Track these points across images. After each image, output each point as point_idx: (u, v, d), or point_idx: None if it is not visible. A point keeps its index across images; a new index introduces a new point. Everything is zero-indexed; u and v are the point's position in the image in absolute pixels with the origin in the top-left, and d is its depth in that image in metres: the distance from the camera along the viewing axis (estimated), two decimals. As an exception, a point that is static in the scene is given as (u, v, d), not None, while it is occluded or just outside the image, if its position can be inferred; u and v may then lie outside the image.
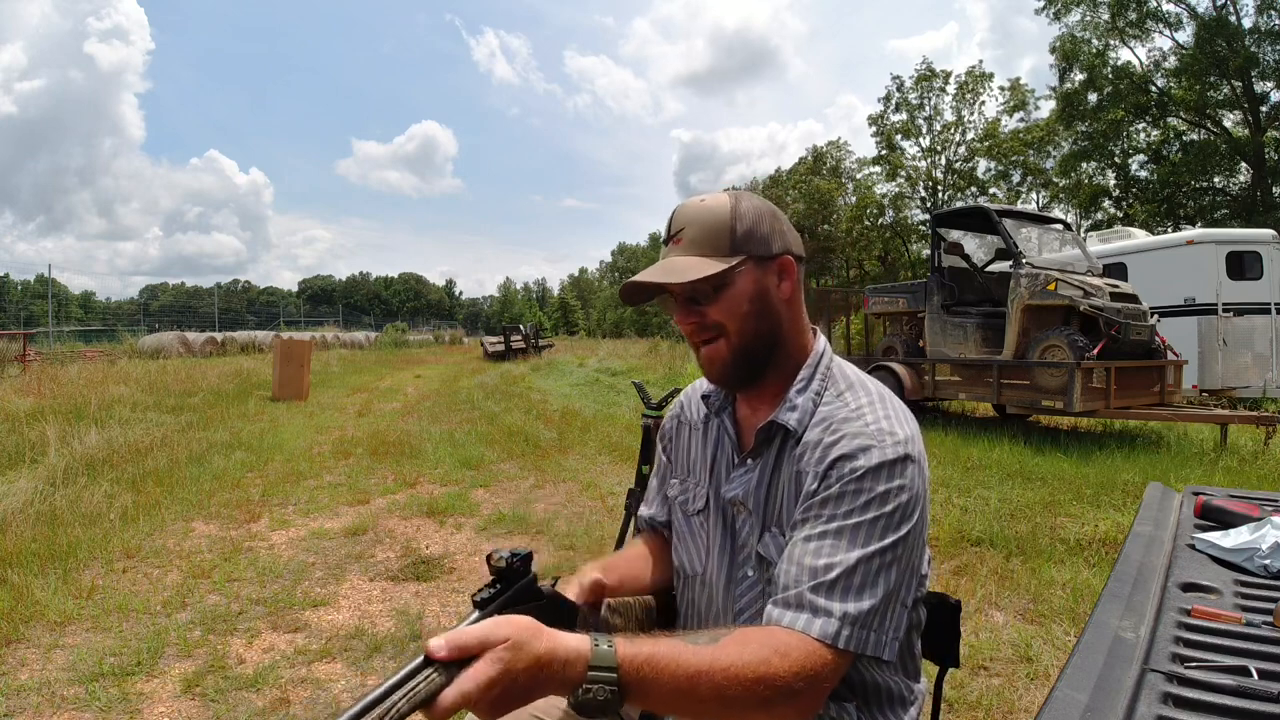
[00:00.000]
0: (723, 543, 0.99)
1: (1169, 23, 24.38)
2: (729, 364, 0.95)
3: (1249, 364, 9.17)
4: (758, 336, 0.94)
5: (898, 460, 0.84)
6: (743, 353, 0.94)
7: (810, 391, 0.95)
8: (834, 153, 43.10)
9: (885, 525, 0.82)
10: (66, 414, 7.12)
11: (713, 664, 0.72)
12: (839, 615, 0.79)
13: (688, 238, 0.94)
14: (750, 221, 0.93)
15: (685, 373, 14.22)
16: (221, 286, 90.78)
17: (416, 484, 5.31)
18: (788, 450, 0.94)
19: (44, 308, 42.40)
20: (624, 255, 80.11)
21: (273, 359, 11.28)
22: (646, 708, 0.73)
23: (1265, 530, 1.15)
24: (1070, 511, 4.29)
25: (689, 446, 1.10)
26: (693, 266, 0.91)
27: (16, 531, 3.74)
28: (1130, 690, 0.75)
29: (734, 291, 0.92)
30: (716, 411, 1.05)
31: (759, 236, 0.93)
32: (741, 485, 0.97)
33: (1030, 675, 2.38)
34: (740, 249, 0.92)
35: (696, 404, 1.12)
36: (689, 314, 0.94)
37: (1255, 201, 22.34)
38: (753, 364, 0.95)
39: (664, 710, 0.74)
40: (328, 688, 2.34)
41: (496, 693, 0.65)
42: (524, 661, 0.66)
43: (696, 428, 1.09)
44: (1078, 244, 8.16)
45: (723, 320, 0.93)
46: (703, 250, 0.92)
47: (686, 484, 1.08)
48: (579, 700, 0.68)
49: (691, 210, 0.95)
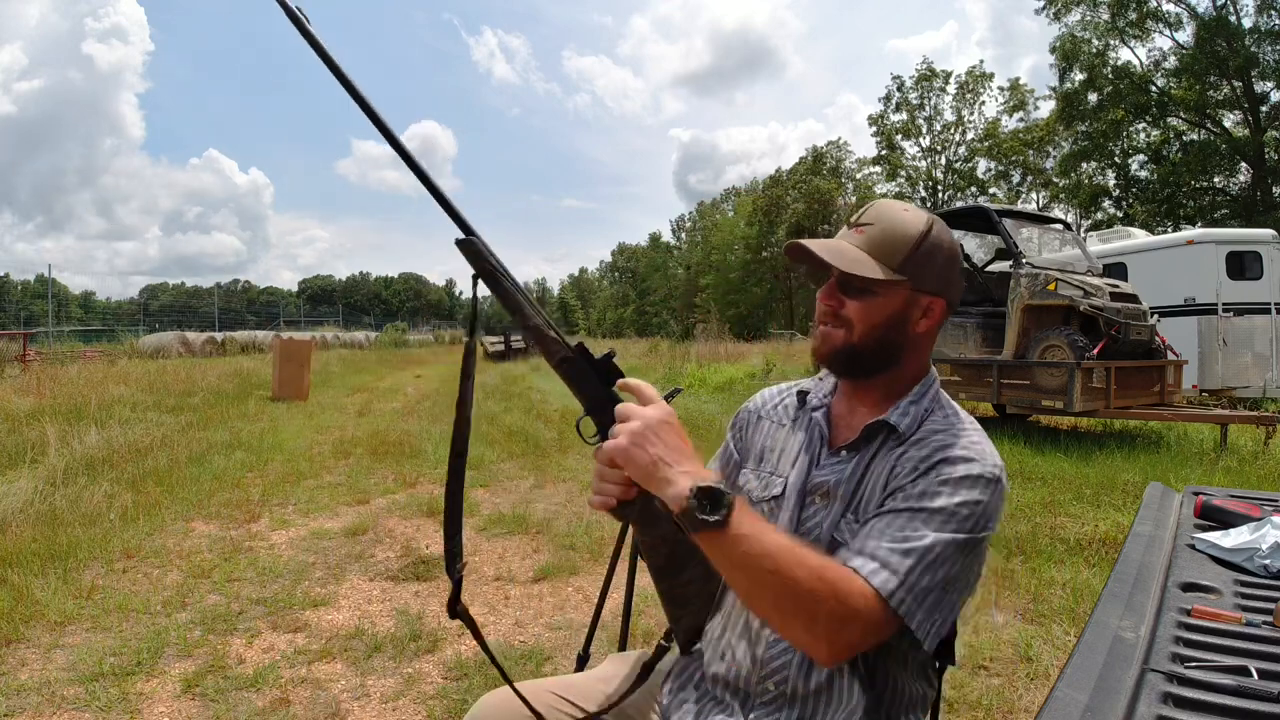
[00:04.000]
0: (787, 529, 1.00)
1: (1169, 23, 24.41)
2: (836, 353, 0.99)
3: (1249, 364, 9.16)
4: (874, 348, 0.98)
5: (992, 479, 0.90)
6: (852, 353, 0.98)
7: (921, 406, 1.00)
8: (834, 153, 43.13)
9: (966, 523, 0.86)
10: (66, 414, 7.12)
11: (792, 554, 0.79)
12: (901, 577, 0.82)
13: (870, 233, 0.97)
14: (929, 252, 0.96)
15: (685, 373, 14.23)
16: (221, 286, 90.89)
17: (416, 484, 5.31)
18: (886, 448, 0.97)
19: (44, 308, 42.40)
20: (624, 255, 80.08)
21: (273, 359, 11.28)
22: (720, 552, 0.79)
23: (1265, 530, 1.15)
24: (1070, 511, 4.30)
25: (767, 437, 1.13)
26: (859, 261, 0.94)
27: (16, 531, 3.74)
28: (1130, 690, 0.75)
29: (878, 302, 0.96)
30: (814, 408, 1.08)
31: (929, 270, 0.96)
32: (834, 473, 0.99)
33: (1030, 675, 2.38)
34: (906, 270, 0.95)
35: (782, 401, 1.16)
36: (831, 296, 0.98)
37: (1255, 201, 22.35)
38: (856, 365, 1.00)
39: (730, 564, 0.80)
40: (328, 688, 2.34)
41: (652, 438, 0.82)
42: (680, 434, 0.84)
43: (781, 422, 1.12)
44: (1078, 244, 8.16)
45: (854, 320, 0.97)
46: (876, 252, 0.95)
47: (760, 471, 1.10)
48: (690, 499, 0.78)
49: (888, 210, 0.99)
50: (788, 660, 0.94)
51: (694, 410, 9.08)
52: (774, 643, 0.95)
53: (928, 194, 36.31)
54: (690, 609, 1.00)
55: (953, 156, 36.29)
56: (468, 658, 2.55)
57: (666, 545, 0.98)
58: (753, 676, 0.95)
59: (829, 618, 0.79)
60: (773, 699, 0.94)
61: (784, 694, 0.93)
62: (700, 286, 49.03)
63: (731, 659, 0.99)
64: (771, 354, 16.66)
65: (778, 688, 0.94)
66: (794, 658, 0.94)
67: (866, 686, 0.91)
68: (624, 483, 0.93)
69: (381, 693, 2.32)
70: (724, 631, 1.03)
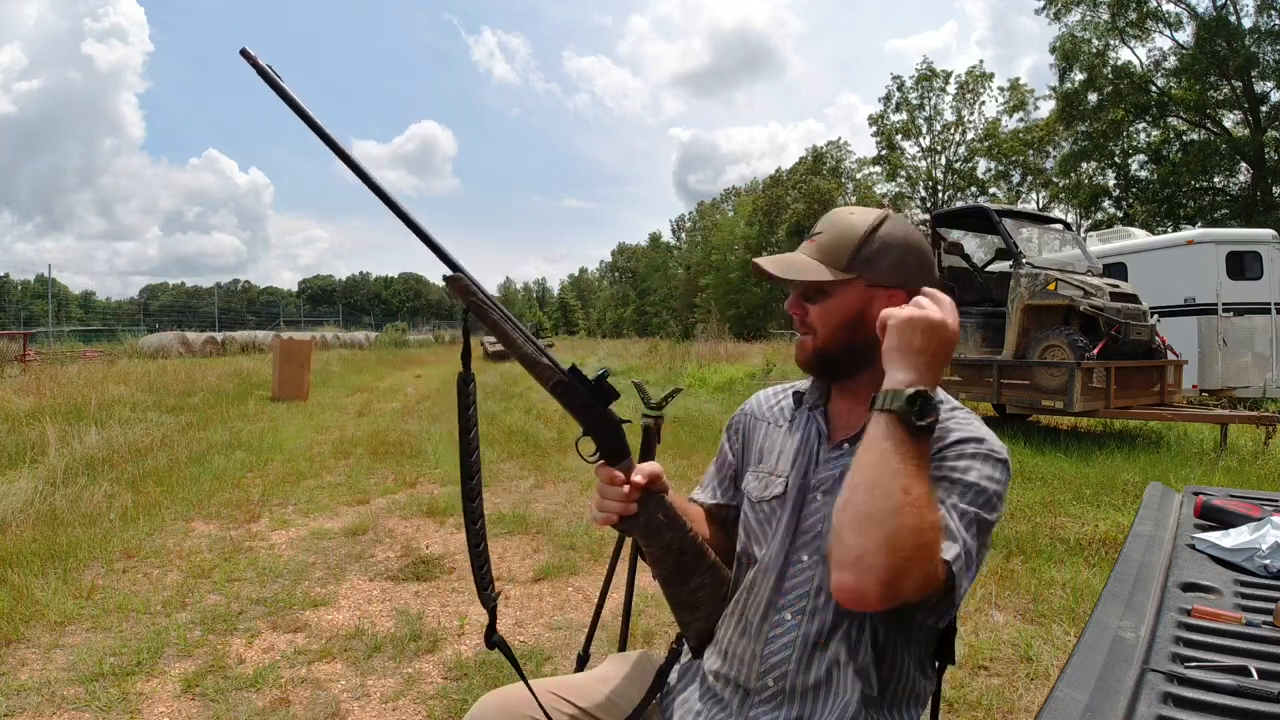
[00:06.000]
0: (788, 526, 1.01)
1: (1169, 23, 24.40)
2: (810, 358, 1.04)
3: (1249, 364, 9.16)
4: (843, 346, 1.00)
5: (1003, 461, 0.93)
6: (823, 354, 1.02)
7: None
8: (834, 153, 43.13)
9: (991, 500, 0.89)
10: (66, 414, 7.12)
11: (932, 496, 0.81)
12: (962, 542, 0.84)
13: (820, 240, 1.01)
14: (879, 247, 0.98)
15: (685, 373, 14.23)
16: (221, 286, 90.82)
17: (416, 484, 5.31)
18: None
19: (44, 308, 42.38)
20: (624, 255, 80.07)
21: (273, 359, 11.28)
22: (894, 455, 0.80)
23: (1265, 530, 1.16)
24: (1070, 511, 4.30)
25: (765, 438, 1.14)
26: (807, 269, 0.99)
27: (16, 531, 3.74)
28: (1130, 690, 0.75)
29: (833, 303, 0.99)
30: (811, 407, 1.09)
31: (882, 264, 0.98)
32: (838, 466, 1.00)
33: (1030, 675, 2.38)
34: (854, 268, 0.98)
35: (779, 402, 1.18)
36: (797, 305, 1.03)
37: (1255, 201, 22.35)
38: (830, 366, 1.04)
39: (890, 471, 0.79)
40: (328, 688, 2.34)
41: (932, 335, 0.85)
42: (949, 350, 0.88)
43: (778, 423, 1.14)
44: (1078, 244, 8.15)
45: (816, 324, 1.01)
46: (824, 257, 0.99)
47: (759, 472, 1.10)
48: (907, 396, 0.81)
49: (836, 217, 1.02)
50: (787, 656, 0.94)
51: (694, 410, 9.08)
52: (774, 638, 0.95)
53: (928, 194, 36.32)
54: (700, 613, 1.01)
55: (953, 156, 36.29)
56: (468, 658, 2.55)
57: (672, 555, 0.99)
58: (752, 673, 0.96)
59: (908, 561, 0.77)
60: (772, 695, 0.94)
61: (783, 689, 0.94)
62: (700, 286, 49.02)
63: (731, 655, 0.99)
64: (771, 354, 16.65)
65: (776, 684, 0.94)
66: (794, 654, 0.94)
67: (865, 680, 0.92)
68: (625, 499, 0.96)
69: (381, 693, 2.32)
70: (724, 628, 1.03)
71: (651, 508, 0.98)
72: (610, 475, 0.98)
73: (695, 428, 7.67)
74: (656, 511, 0.98)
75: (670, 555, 0.99)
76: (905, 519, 0.77)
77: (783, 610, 0.97)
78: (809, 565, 0.97)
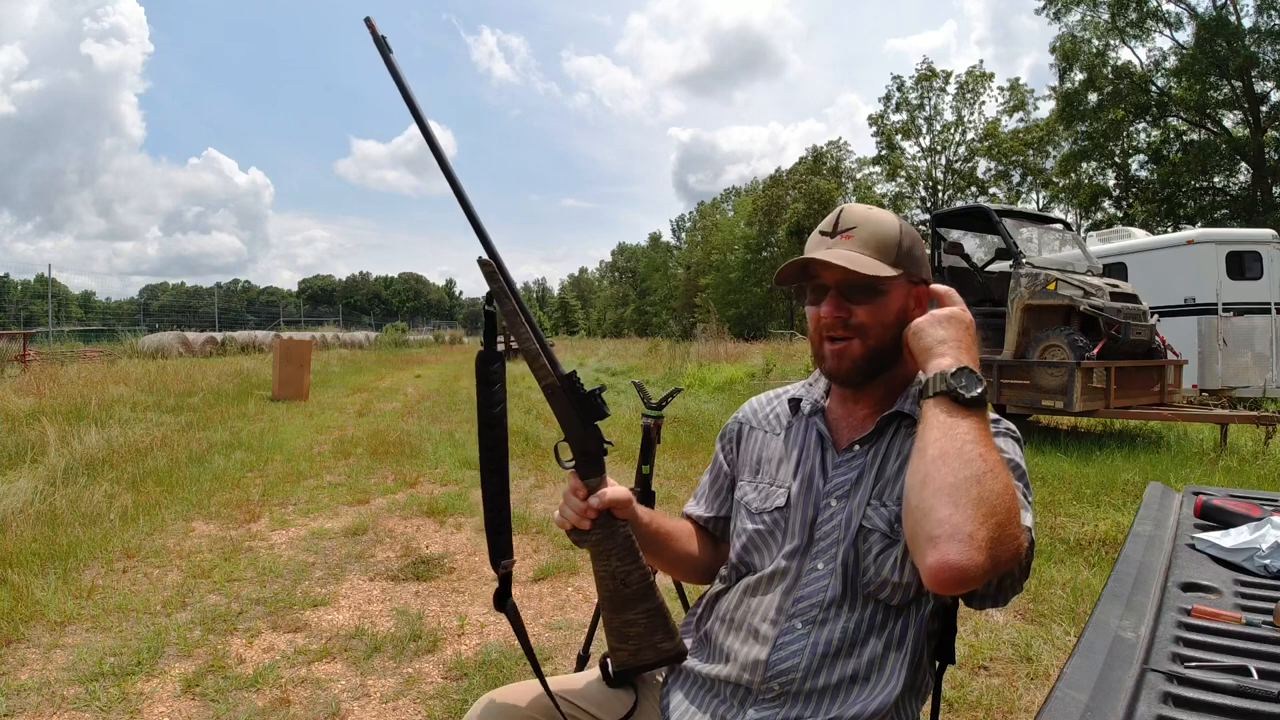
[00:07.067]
0: (801, 535, 1.00)
1: (1169, 23, 24.41)
2: (859, 362, 0.98)
3: (1249, 364, 9.16)
4: (890, 347, 0.99)
5: (1019, 439, 0.97)
6: (872, 357, 0.98)
7: None
8: (834, 153, 43.14)
9: (1022, 473, 0.92)
10: (66, 414, 7.12)
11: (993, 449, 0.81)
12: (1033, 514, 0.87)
13: (860, 236, 0.97)
14: (910, 243, 0.99)
15: (685, 372, 14.22)
16: (221, 286, 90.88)
17: (416, 484, 5.31)
18: (901, 434, 0.99)
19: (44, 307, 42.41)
20: (624, 255, 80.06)
21: (273, 359, 11.28)
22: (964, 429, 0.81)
23: (1265, 530, 1.15)
24: (1070, 511, 4.30)
25: (761, 447, 1.12)
26: (869, 264, 0.95)
27: (16, 531, 3.74)
28: (1130, 690, 0.75)
29: (887, 300, 0.97)
30: (809, 414, 1.08)
31: (915, 259, 0.99)
32: (853, 469, 1.00)
33: (1030, 675, 2.38)
34: (901, 264, 0.97)
35: (772, 410, 1.15)
36: (839, 307, 0.97)
37: (1255, 201, 22.35)
38: (875, 368, 1.00)
39: (961, 440, 0.80)
40: (328, 688, 2.34)
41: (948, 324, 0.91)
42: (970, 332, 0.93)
43: (775, 431, 1.12)
44: (1078, 244, 8.15)
45: (867, 324, 0.97)
46: (875, 253, 0.96)
47: (758, 483, 1.09)
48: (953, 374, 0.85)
49: (862, 213, 1.00)
50: (795, 664, 0.93)
51: (694, 410, 9.08)
52: (783, 645, 0.95)
53: (928, 194, 36.32)
54: (629, 647, 1.00)
55: (953, 156, 36.29)
56: (467, 658, 2.55)
57: (614, 583, 1.00)
58: (756, 678, 0.95)
59: (1002, 526, 0.76)
60: (776, 696, 0.94)
61: (788, 693, 0.93)
62: (700, 286, 49.03)
63: (734, 661, 0.98)
64: (771, 354, 16.65)
65: (783, 688, 0.94)
66: (803, 661, 0.93)
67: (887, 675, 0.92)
68: (582, 513, 0.97)
69: (381, 693, 2.32)
70: (725, 635, 1.02)
71: (606, 531, 0.99)
72: (575, 485, 0.99)
73: (695, 428, 7.67)
74: (610, 537, 0.99)
75: (611, 582, 0.99)
76: (992, 483, 0.76)
77: (793, 619, 0.96)
78: (823, 574, 0.97)
